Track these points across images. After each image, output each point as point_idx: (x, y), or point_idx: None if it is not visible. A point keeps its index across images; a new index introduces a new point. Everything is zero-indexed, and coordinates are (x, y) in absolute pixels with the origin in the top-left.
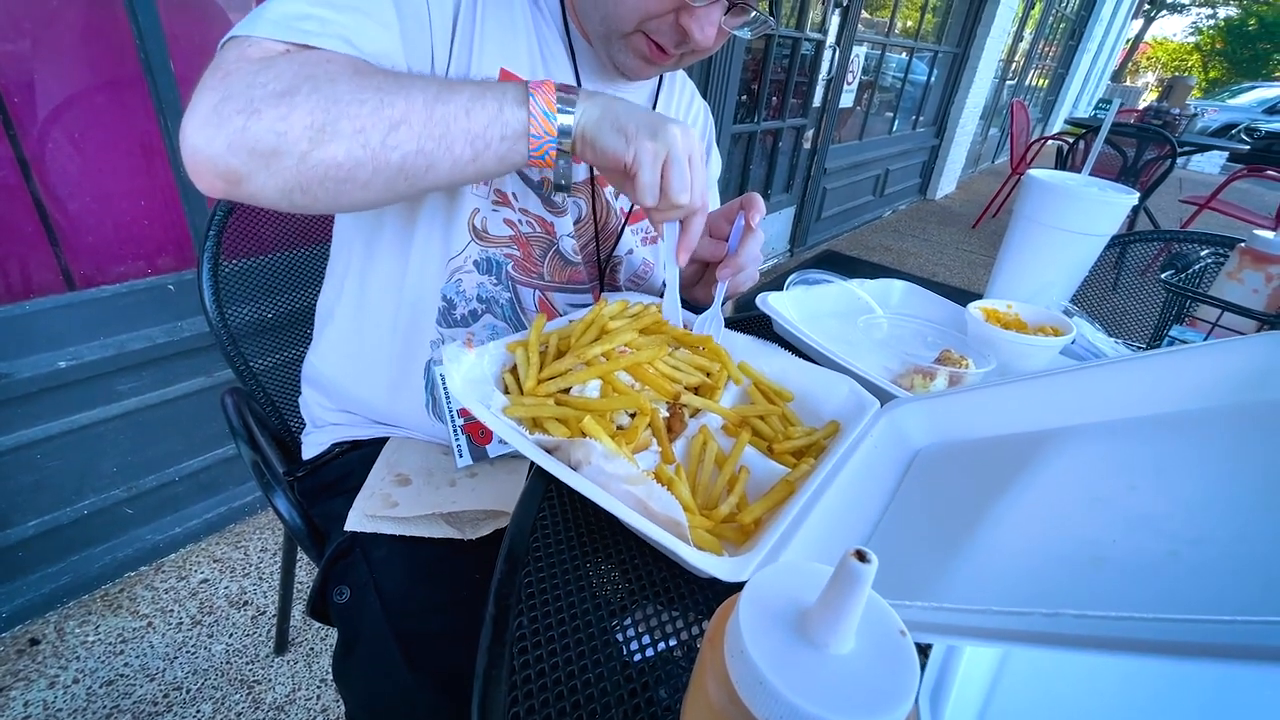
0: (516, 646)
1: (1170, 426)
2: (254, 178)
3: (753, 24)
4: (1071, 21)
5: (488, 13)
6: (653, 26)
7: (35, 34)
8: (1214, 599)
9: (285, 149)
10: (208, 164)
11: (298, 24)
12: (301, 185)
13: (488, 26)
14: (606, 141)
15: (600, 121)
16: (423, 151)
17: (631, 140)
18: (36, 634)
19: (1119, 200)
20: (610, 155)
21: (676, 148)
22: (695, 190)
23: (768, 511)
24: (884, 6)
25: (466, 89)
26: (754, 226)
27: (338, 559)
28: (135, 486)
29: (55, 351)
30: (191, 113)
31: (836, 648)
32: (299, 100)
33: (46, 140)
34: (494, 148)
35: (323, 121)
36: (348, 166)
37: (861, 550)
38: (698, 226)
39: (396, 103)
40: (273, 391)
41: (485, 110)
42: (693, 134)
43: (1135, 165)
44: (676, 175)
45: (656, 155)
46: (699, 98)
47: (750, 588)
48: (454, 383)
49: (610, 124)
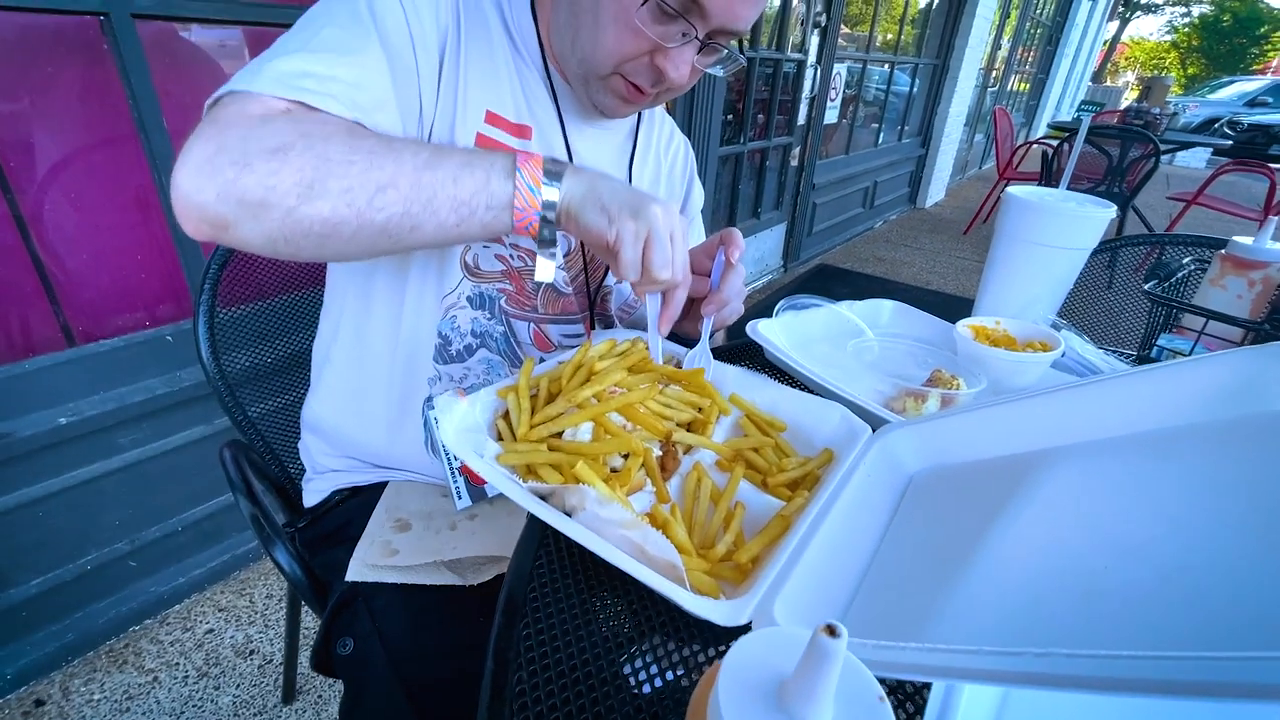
0: (516, 703)
1: (1156, 445)
2: (240, 226)
3: (725, 62)
4: (1048, 27)
5: (470, 58)
6: (629, 68)
7: (30, 95)
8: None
9: (274, 202)
10: (196, 210)
11: (297, 81)
12: (286, 236)
13: (471, 72)
14: (590, 220)
15: (585, 199)
16: (408, 214)
17: (614, 220)
18: (41, 694)
19: (1097, 214)
20: (594, 233)
21: (658, 226)
22: (676, 266)
23: (764, 549)
24: (863, 22)
25: (456, 156)
26: (734, 263)
27: (340, 610)
28: (138, 539)
29: (55, 408)
30: (184, 160)
31: None
32: (291, 157)
33: (44, 199)
34: (479, 215)
35: (311, 179)
36: (333, 223)
37: (832, 625)
38: (679, 299)
39: (386, 165)
40: (271, 438)
41: (473, 179)
42: (674, 211)
43: (1120, 165)
44: (658, 253)
45: (638, 235)
46: (679, 133)
47: (729, 660)
48: (447, 434)
49: (594, 203)
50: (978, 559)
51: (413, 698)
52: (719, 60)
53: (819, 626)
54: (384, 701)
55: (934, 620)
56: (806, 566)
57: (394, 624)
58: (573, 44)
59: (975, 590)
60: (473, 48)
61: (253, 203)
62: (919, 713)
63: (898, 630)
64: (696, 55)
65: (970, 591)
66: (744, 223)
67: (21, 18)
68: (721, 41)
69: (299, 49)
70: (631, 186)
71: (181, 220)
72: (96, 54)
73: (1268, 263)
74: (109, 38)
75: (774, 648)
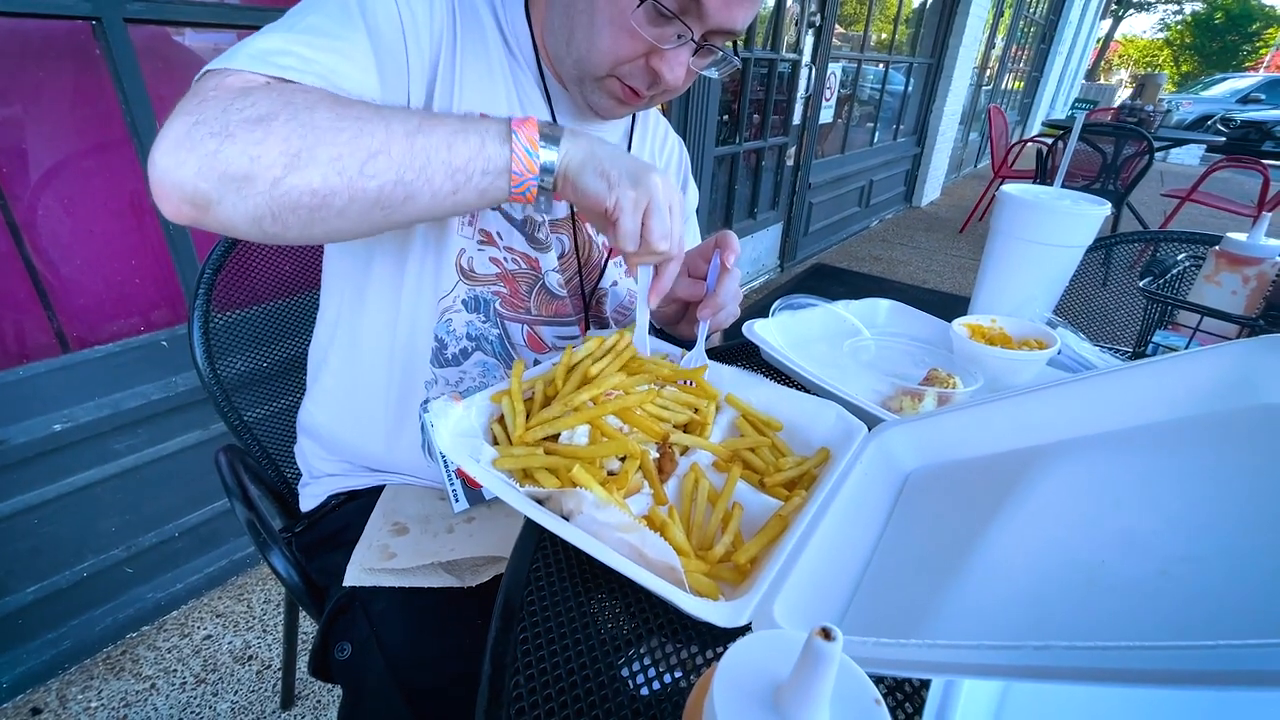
0: (514, 707)
1: (1152, 439)
2: (224, 202)
3: (719, 63)
4: (1041, 25)
5: (466, 60)
6: (625, 70)
7: (22, 101)
8: (1206, 618)
9: (258, 174)
10: (175, 189)
11: (277, 59)
12: (273, 212)
13: (467, 76)
14: (589, 185)
15: (584, 164)
16: (402, 182)
17: (614, 186)
18: (38, 703)
19: (1091, 211)
20: (592, 199)
21: (658, 196)
22: (674, 238)
23: (763, 549)
24: (858, 21)
25: (449, 122)
26: (729, 266)
27: (337, 615)
28: (134, 545)
29: (50, 415)
30: (162, 137)
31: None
32: (275, 126)
33: (37, 204)
34: (475, 181)
35: (299, 148)
36: (323, 194)
37: (826, 628)
38: (672, 272)
39: (376, 132)
40: (267, 442)
41: (468, 144)
42: (673, 183)
43: (1115, 163)
44: (658, 223)
45: (638, 203)
46: (673, 134)
47: (724, 664)
48: (442, 438)
49: (594, 168)
50: (976, 556)
51: (411, 702)
52: (714, 62)
53: (814, 629)
54: (382, 706)
55: (933, 617)
56: (805, 566)
57: (392, 628)
58: (568, 45)
59: (974, 586)
60: (469, 51)
61: (236, 176)
62: (918, 713)
63: (897, 628)
64: (692, 57)
65: (969, 588)
66: (740, 223)
67: (12, 23)
68: (717, 43)
69: (281, 28)
70: (630, 154)
71: (160, 202)
72: (89, 59)
73: (1262, 259)
74: (101, 42)
75: (770, 651)
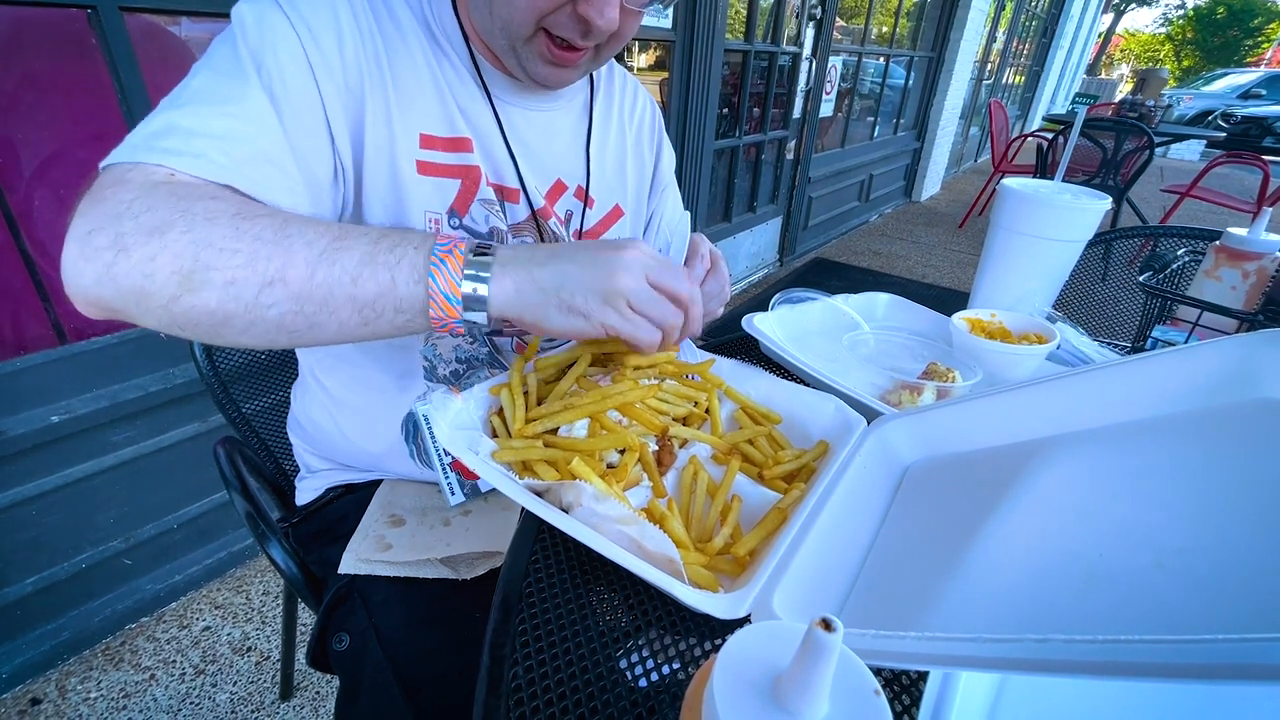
0: (513, 698)
1: (1149, 433)
2: (127, 313)
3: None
4: (1043, 19)
5: (396, 75)
6: (552, 22)
7: (17, 90)
8: (1200, 610)
9: (154, 291)
10: (80, 295)
11: (160, 141)
12: (178, 325)
13: (399, 94)
14: (562, 324)
15: (540, 302)
16: (302, 313)
17: (590, 314)
18: (38, 693)
19: (1092, 206)
20: (575, 334)
21: (633, 288)
22: (682, 298)
23: (762, 542)
24: (858, 15)
25: (358, 248)
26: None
27: (335, 606)
28: (133, 537)
29: (48, 406)
30: (68, 237)
31: (810, 714)
32: (169, 240)
33: (33, 195)
34: (387, 318)
35: (190, 268)
36: (220, 315)
37: (827, 619)
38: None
39: (274, 257)
40: (266, 435)
41: (375, 281)
42: (639, 246)
43: (1115, 158)
44: (658, 312)
45: (625, 316)
46: (643, 91)
47: (724, 654)
48: (441, 430)
49: (555, 304)
50: (975, 548)
51: (408, 693)
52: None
53: (814, 620)
54: (380, 696)
55: (932, 609)
56: (804, 558)
57: (390, 619)
58: (490, 12)
59: (973, 579)
60: (395, 59)
61: (134, 290)
62: (915, 704)
63: (896, 620)
64: None
65: (968, 580)
66: (739, 216)
67: (7, 11)
68: None
69: (168, 104)
70: (576, 248)
71: (73, 302)
72: (84, 47)
73: (1262, 254)
74: (96, 31)
75: (769, 642)
